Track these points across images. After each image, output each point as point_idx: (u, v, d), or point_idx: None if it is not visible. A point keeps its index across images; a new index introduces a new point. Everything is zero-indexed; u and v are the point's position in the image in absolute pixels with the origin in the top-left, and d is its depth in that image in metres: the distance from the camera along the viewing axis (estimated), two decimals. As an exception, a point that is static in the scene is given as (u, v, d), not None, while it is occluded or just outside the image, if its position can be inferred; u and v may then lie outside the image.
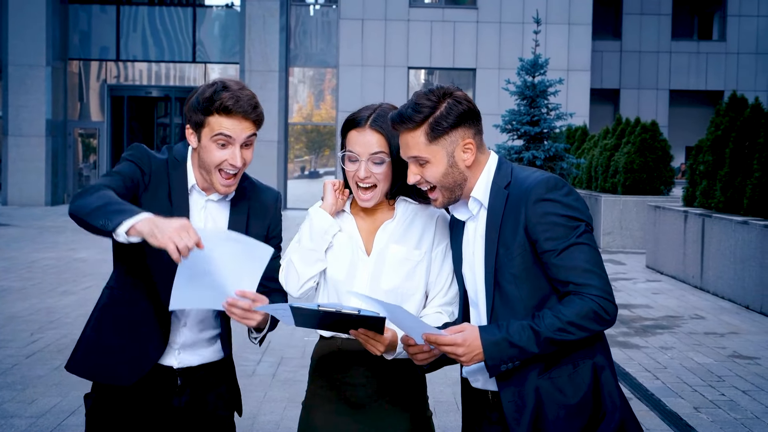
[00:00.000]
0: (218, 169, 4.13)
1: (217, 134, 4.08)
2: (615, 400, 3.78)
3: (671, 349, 11.47)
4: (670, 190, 23.68)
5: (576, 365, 3.77)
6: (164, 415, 4.30)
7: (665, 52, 45.16)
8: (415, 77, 37.54)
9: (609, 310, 3.67)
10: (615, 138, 24.95)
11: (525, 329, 3.64)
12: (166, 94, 38.67)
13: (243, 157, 4.13)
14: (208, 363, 4.39)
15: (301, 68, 38.42)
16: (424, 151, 3.81)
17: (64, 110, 37.37)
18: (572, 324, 3.64)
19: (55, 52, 36.36)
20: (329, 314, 3.69)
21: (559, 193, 3.72)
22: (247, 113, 4.09)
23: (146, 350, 4.20)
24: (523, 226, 3.73)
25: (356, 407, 4.15)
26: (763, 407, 8.99)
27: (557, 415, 3.73)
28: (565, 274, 3.68)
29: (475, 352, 3.65)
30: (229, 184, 4.17)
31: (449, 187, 3.86)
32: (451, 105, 3.80)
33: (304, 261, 4.14)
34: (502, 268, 3.78)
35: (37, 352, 10.87)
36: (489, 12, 36.24)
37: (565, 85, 28.41)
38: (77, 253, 20.75)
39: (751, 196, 15.05)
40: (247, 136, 4.12)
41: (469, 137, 3.84)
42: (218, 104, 4.05)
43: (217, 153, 4.10)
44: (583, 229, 3.72)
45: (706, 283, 16.37)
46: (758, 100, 16.62)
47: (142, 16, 38.07)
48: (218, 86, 4.11)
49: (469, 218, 3.98)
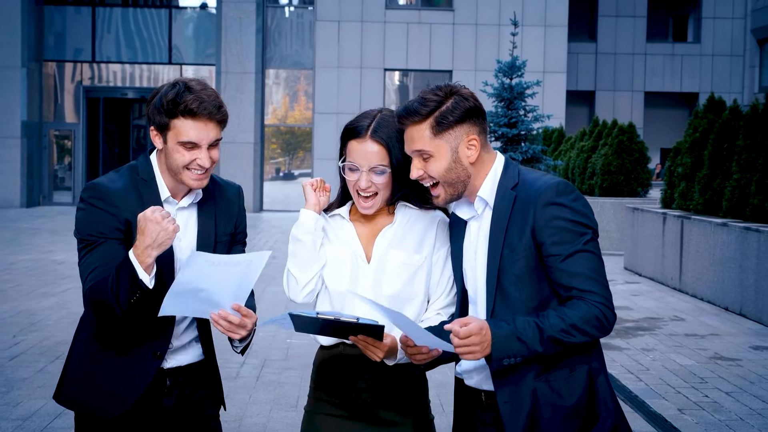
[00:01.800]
0: (187, 168, 4.10)
1: (183, 141, 4.05)
2: (609, 405, 3.83)
3: (653, 351, 11.51)
4: (647, 192, 23.78)
5: (573, 369, 3.80)
6: (154, 415, 4.29)
7: (640, 54, 45.37)
8: (390, 79, 37.54)
9: (609, 319, 3.74)
10: (592, 140, 25.02)
11: (531, 326, 3.67)
12: (141, 96, 38.52)
13: (210, 157, 4.10)
14: (193, 363, 4.39)
15: (277, 70, 38.38)
16: (429, 145, 3.83)
17: (39, 112, 37.21)
18: (575, 327, 3.67)
19: (30, 53, 36.20)
20: (327, 322, 3.71)
21: (569, 198, 3.75)
22: (212, 114, 4.06)
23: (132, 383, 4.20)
24: (530, 228, 3.75)
25: (360, 413, 4.15)
26: (747, 409, 9.04)
27: (552, 418, 3.76)
28: (568, 279, 3.72)
29: (485, 345, 3.65)
30: (200, 179, 4.12)
31: (452, 183, 3.87)
32: (458, 101, 3.83)
33: (300, 266, 4.14)
34: (505, 268, 3.80)
35: (20, 355, 10.82)
36: (465, 14, 36.30)
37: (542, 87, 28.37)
38: (54, 255, 20.69)
39: (730, 198, 15.12)
40: (213, 139, 4.10)
41: (474, 134, 3.86)
42: (182, 107, 4.01)
43: (186, 154, 4.06)
44: (590, 237, 3.75)
45: (685, 284, 16.44)
46: (736, 102, 16.71)
47: (117, 18, 37.93)
48: (180, 87, 4.06)
49: (472, 218, 3.99)
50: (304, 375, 9.94)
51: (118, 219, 4.08)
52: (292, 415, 8.48)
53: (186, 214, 4.28)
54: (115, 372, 4.20)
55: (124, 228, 4.08)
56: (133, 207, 4.09)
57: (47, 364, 10.37)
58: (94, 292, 3.96)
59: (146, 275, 3.81)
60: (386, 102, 36.45)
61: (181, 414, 4.35)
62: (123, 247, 4.05)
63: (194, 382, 4.40)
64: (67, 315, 13.29)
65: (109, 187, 4.13)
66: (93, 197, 4.10)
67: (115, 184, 4.16)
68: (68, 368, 4.35)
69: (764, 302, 13.33)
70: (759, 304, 13.50)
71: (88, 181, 36.64)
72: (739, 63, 45.21)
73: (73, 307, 13.91)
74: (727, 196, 15.21)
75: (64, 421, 8.38)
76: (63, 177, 38.53)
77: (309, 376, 9.82)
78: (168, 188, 4.22)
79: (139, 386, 4.19)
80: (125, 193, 4.13)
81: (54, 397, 4.38)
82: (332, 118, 34.26)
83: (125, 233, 4.08)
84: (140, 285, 3.81)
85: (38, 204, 36.91)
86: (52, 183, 38.12)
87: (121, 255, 4.00)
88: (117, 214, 4.08)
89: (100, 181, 4.17)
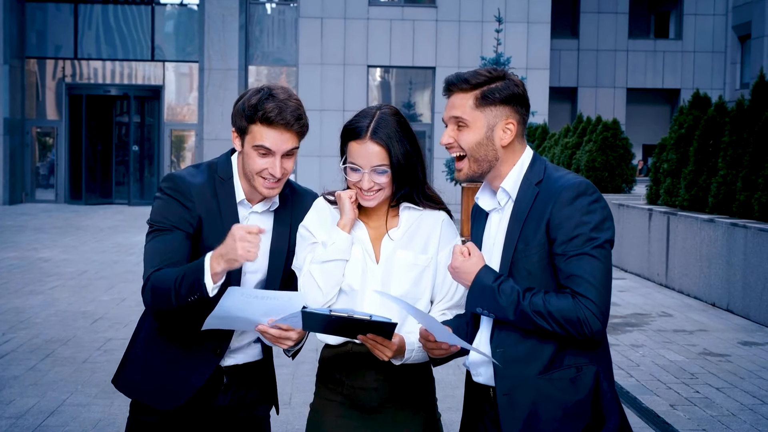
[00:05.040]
0: (259, 176, 4.12)
1: (257, 145, 4.08)
2: (613, 409, 3.79)
3: (642, 347, 11.55)
4: (632, 188, 23.81)
5: (580, 369, 3.77)
6: (207, 413, 4.33)
7: (622, 51, 45.44)
8: (372, 76, 37.52)
9: (592, 327, 3.66)
10: (576, 136, 25.03)
11: (513, 292, 3.70)
12: (124, 93, 38.42)
13: (283, 167, 4.12)
14: (250, 362, 4.41)
15: (260, 66, 38.34)
16: (468, 114, 3.85)
17: (21, 109, 37.12)
18: (551, 316, 3.66)
19: (12, 50, 36.11)
20: (340, 319, 3.70)
21: (588, 200, 3.73)
22: (289, 125, 4.08)
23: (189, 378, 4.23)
24: (545, 224, 3.74)
25: (367, 411, 4.15)
26: (739, 404, 9.08)
27: (552, 416, 3.74)
28: (566, 280, 3.70)
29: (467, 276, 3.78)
30: (272, 187, 4.15)
31: (478, 160, 3.88)
32: (508, 84, 3.87)
33: (328, 281, 4.09)
34: (518, 262, 3.79)
35: (10, 352, 10.81)
36: (448, 10, 36.30)
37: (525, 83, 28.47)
38: (39, 253, 20.63)
39: (716, 195, 15.17)
40: (288, 149, 4.12)
41: (513, 119, 3.87)
42: (261, 114, 4.05)
43: (258, 161, 4.09)
44: (600, 243, 3.71)
45: (672, 280, 16.49)
46: (721, 98, 16.77)
47: (99, 15, 37.84)
48: (264, 93, 4.10)
49: (493, 209, 3.99)
50: (297, 372, 9.94)
51: (192, 213, 4.13)
52: (285, 412, 8.48)
53: (261, 219, 4.31)
54: (175, 365, 4.23)
55: (195, 223, 4.13)
56: (208, 204, 4.14)
57: (38, 362, 10.36)
58: (159, 279, 3.97)
59: (211, 282, 3.82)
60: (369, 99, 36.43)
61: (232, 413, 4.38)
62: (188, 242, 4.10)
63: (249, 382, 4.42)
64: (55, 313, 13.28)
65: (190, 181, 4.18)
66: (172, 188, 4.14)
67: (195, 179, 4.21)
68: (129, 356, 4.38)
69: (751, 298, 13.38)
70: (746, 300, 13.55)
71: (70, 178, 36.74)
72: (720, 59, 45.33)
73: (60, 305, 13.91)
74: (713, 192, 15.27)
75: (58, 419, 8.39)
76: (45, 174, 38.44)
77: (301, 373, 9.85)
78: (244, 192, 4.26)
79: (197, 381, 4.23)
80: (203, 189, 4.19)
81: (113, 381, 4.40)
82: (315, 115, 34.15)
83: (195, 228, 4.13)
84: (203, 289, 3.83)
85: (21, 201, 36.82)
86: (35, 180, 38.05)
87: (184, 247, 4.07)
88: (192, 209, 4.13)
89: (180, 173, 4.21)
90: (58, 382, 9.60)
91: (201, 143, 37.06)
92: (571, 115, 43.91)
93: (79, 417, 8.51)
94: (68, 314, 13.26)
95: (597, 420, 3.77)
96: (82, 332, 12.03)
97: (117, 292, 15.36)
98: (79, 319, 12.89)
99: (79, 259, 19.64)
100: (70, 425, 8.28)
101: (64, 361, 10.49)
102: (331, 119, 34.51)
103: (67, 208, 34.86)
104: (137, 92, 38.41)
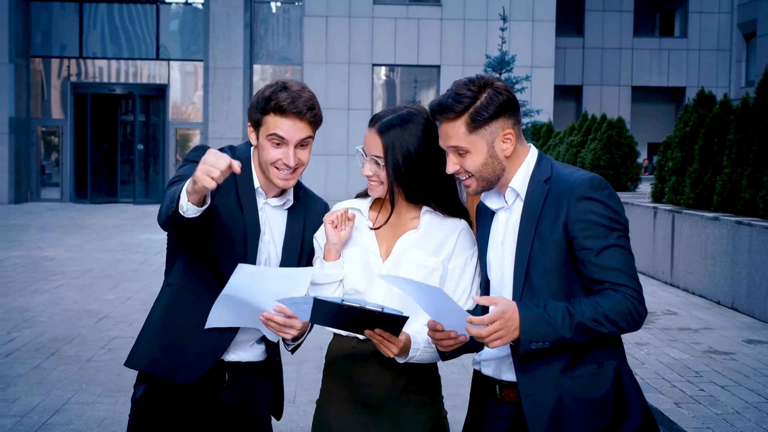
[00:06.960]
0: (273, 166, 4.14)
1: (270, 134, 4.10)
2: (636, 402, 3.80)
3: (647, 345, 11.54)
4: (637, 187, 23.78)
5: (601, 365, 3.78)
6: (209, 410, 4.33)
7: (627, 49, 45.43)
8: (377, 74, 37.51)
9: (641, 313, 3.70)
10: (581, 135, 25.00)
11: (560, 310, 3.65)
12: (129, 92, 38.39)
13: (297, 157, 4.14)
14: (253, 362, 4.41)
15: (265, 65, 38.34)
16: (464, 141, 3.81)
17: (27, 108, 37.10)
18: (606, 316, 3.65)
19: (18, 49, 36.10)
20: (351, 310, 3.67)
21: (603, 194, 3.74)
22: (302, 113, 4.09)
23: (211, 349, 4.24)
24: (563, 222, 3.74)
25: (372, 408, 4.14)
26: (743, 402, 9.06)
27: (577, 414, 3.74)
28: (601, 273, 3.70)
29: (513, 327, 3.61)
30: (287, 179, 4.17)
31: (487, 178, 3.87)
32: (492, 95, 3.80)
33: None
34: (534, 261, 3.79)
35: (15, 351, 10.82)
36: (453, 9, 36.29)
37: (530, 82, 28.45)
38: (44, 252, 20.63)
39: (721, 193, 15.15)
40: (301, 138, 4.13)
41: (509, 127, 3.85)
42: (274, 104, 4.08)
43: (272, 152, 4.12)
44: (621, 233, 3.75)
45: (677, 278, 16.48)
46: (726, 96, 16.75)
47: (104, 13, 37.81)
48: (278, 86, 4.14)
49: (501, 208, 3.98)
50: (301, 370, 9.95)
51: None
52: (290, 410, 8.47)
53: (276, 213, 4.34)
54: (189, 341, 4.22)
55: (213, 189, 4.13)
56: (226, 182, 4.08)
57: (43, 361, 10.36)
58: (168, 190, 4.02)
59: (185, 196, 3.78)
60: (374, 98, 36.46)
61: (234, 412, 4.37)
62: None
63: (252, 382, 4.42)
64: (60, 311, 13.29)
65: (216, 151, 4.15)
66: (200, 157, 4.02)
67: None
68: (144, 335, 4.35)
69: (756, 296, 13.37)
70: (751, 298, 13.54)
71: (75, 177, 36.75)
72: (725, 57, 45.30)
73: (65, 304, 13.91)
74: (718, 190, 15.25)
75: (62, 417, 8.40)
76: (50, 173, 38.46)
77: (305, 371, 9.86)
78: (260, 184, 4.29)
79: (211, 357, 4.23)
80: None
81: (126, 363, 4.37)
82: (320, 114, 34.01)
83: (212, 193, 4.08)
84: (177, 201, 3.81)
85: (26, 200, 36.81)
86: (40, 179, 38.02)
87: None
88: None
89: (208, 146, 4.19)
90: (63, 381, 9.60)
91: (206, 142, 37.00)
92: (576, 113, 43.90)
93: (84, 415, 8.52)
94: (73, 313, 13.26)
95: (620, 413, 3.77)
96: (86, 331, 12.04)
97: (122, 290, 15.37)
98: (83, 318, 12.90)
99: (84, 258, 19.64)
100: (74, 423, 8.29)
101: (68, 359, 10.50)
102: (335, 118, 34.54)
103: (72, 207, 34.85)
104: (142, 91, 38.36)
